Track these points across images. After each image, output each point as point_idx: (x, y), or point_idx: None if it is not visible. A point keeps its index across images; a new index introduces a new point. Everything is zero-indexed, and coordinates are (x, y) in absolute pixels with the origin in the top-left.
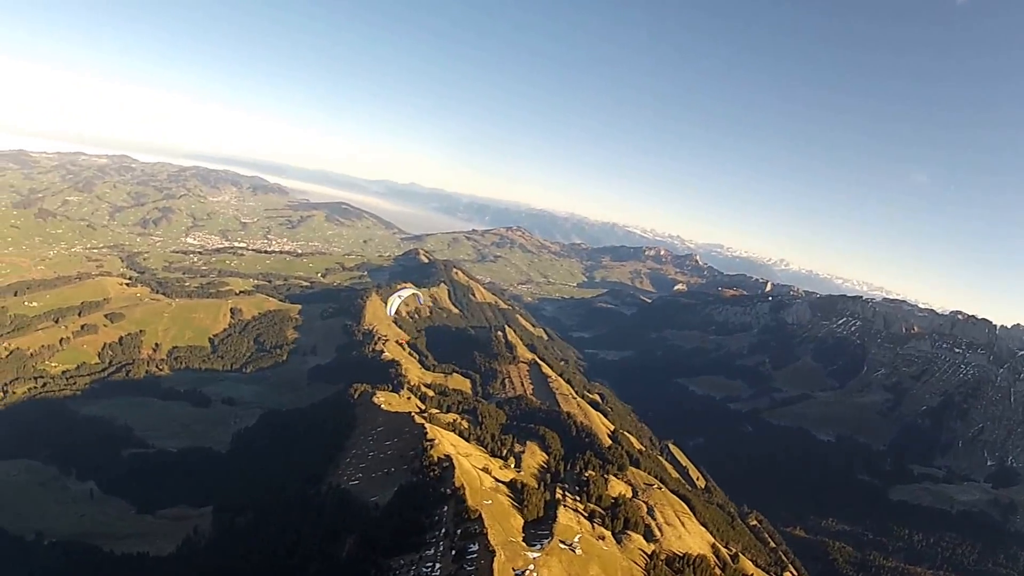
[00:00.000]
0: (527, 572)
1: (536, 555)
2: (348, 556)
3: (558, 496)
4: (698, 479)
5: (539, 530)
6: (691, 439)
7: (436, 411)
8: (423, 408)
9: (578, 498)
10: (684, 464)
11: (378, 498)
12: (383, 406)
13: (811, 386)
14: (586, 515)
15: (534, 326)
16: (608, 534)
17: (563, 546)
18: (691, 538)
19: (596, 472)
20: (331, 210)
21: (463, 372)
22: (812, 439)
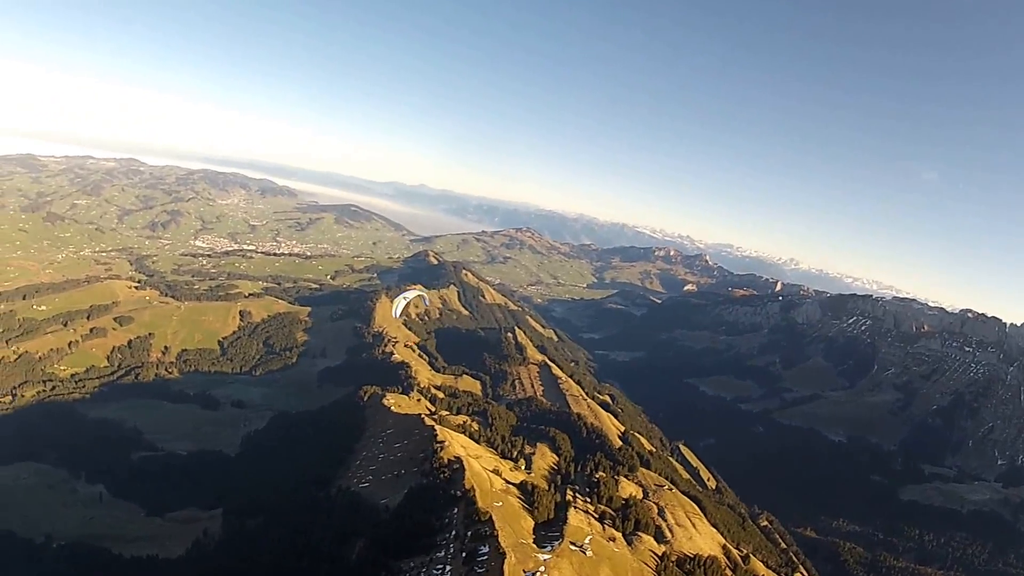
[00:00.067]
0: (538, 574)
1: (547, 557)
2: (358, 558)
3: (568, 498)
4: (709, 480)
5: (550, 532)
6: (702, 440)
7: (446, 413)
8: (433, 410)
9: (588, 500)
10: (695, 465)
11: (388, 500)
12: (393, 408)
13: (821, 386)
14: (596, 517)
15: (544, 327)
16: (619, 535)
17: (573, 548)
18: (702, 539)
19: (607, 473)
20: (340, 212)
21: (473, 374)
22: (823, 439)
